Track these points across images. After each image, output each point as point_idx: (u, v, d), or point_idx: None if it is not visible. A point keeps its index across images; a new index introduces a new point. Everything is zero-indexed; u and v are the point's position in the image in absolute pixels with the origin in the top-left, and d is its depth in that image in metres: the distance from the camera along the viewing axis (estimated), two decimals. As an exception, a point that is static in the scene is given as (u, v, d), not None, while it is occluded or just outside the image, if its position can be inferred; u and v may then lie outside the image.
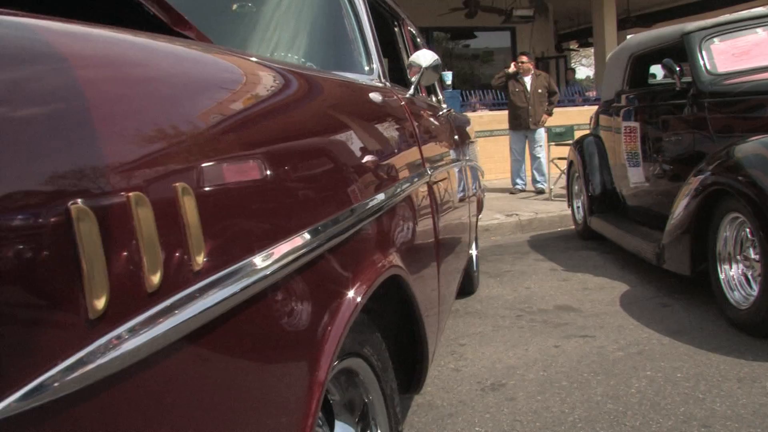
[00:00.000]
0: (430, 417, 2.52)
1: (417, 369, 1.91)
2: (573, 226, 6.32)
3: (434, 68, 2.52)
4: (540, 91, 8.18)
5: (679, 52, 4.18)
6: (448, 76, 7.47)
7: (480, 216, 6.14)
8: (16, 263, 0.46)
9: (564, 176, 6.98)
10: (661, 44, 4.49)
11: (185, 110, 0.73)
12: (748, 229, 3.14)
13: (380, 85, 2.11)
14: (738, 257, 3.26)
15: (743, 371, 2.71)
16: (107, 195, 0.54)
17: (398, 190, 1.54)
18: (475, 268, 4.44)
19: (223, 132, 0.79)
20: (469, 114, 8.43)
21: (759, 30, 4.05)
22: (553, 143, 8.23)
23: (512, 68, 8.22)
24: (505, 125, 8.79)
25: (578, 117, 9.71)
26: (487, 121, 9.97)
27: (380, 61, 2.26)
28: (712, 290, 3.43)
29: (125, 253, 0.56)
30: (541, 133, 8.27)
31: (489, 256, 5.51)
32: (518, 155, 8.51)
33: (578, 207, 6.06)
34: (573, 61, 24.40)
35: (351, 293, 1.06)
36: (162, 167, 0.63)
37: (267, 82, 1.06)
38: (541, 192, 8.28)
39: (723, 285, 3.29)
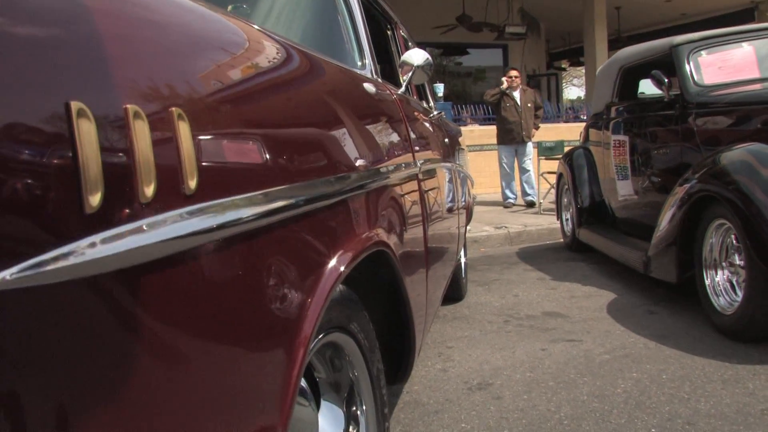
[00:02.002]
0: (416, 414, 2.53)
1: (404, 358, 1.92)
2: (562, 239, 6.35)
3: (426, 67, 2.55)
4: (529, 105, 8.34)
5: (668, 65, 4.24)
6: (440, 88, 7.53)
7: (469, 228, 6.19)
8: (19, 149, 0.48)
9: (553, 190, 7.03)
10: (651, 56, 4.56)
11: (195, 49, 0.76)
12: (733, 236, 3.18)
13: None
14: (723, 264, 3.29)
15: (728, 373, 2.73)
16: (106, 99, 0.56)
17: (387, 171, 1.56)
18: (463, 275, 4.46)
19: (227, 81, 0.82)
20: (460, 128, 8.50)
21: (744, 44, 4.13)
22: (542, 157, 8.29)
23: (505, 84, 8.31)
24: (495, 140, 8.85)
25: (568, 133, 9.79)
26: (477, 135, 10.03)
27: (372, 57, 2.29)
28: (698, 299, 3.46)
29: (121, 159, 0.57)
30: (530, 146, 8.39)
31: (477, 266, 5.53)
32: (509, 169, 8.57)
33: (567, 219, 6.10)
34: (564, 81, 24.58)
35: (336, 259, 1.07)
36: (162, 90, 0.65)
37: (272, 49, 1.09)
38: (532, 204, 8.34)
39: (709, 291, 3.31)
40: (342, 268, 1.08)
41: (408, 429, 2.39)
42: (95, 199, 0.53)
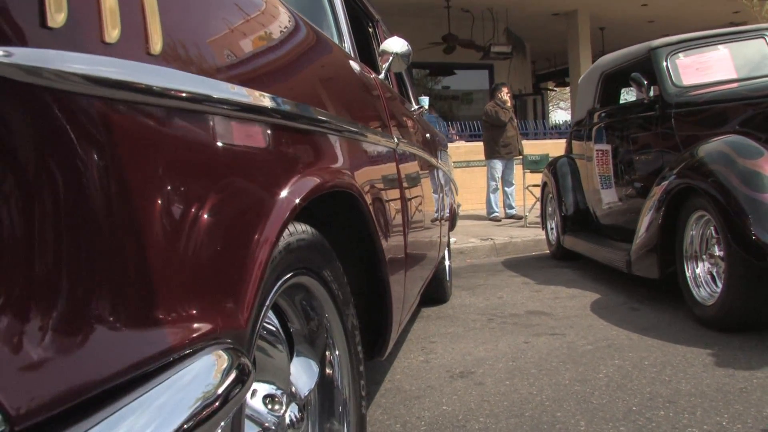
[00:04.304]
0: (397, 399, 2.51)
1: (381, 332, 1.91)
2: (548, 250, 6.37)
3: (404, 55, 2.59)
4: (515, 121, 8.50)
5: (648, 69, 4.31)
6: (425, 101, 7.60)
7: (454, 240, 6.20)
8: None
9: (539, 204, 7.08)
10: (631, 60, 4.63)
11: None
12: (713, 228, 3.21)
13: (352, 61, 2.17)
14: (704, 256, 3.32)
15: (708, 358, 2.74)
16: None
17: (363, 129, 1.57)
18: (448, 278, 4.46)
19: None
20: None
21: (720, 46, 4.21)
22: (528, 171, 8.36)
23: (508, 102, 8.42)
24: (482, 156, 8.92)
25: (553, 149, 9.88)
26: (464, 152, 10.11)
27: (351, 42, 2.32)
28: (681, 297, 3.47)
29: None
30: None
31: (463, 273, 5.53)
32: (498, 184, 8.65)
33: (552, 228, 6.12)
34: (551, 104, 24.81)
35: (296, 185, 1.05)
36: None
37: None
38: (519, 218, 8.40)
39: (690, 283, 3.33)
40: (297, 201, 1.06)
41: (388, 411, 2.38)
42: (59, 17, 0.53)
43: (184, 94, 0.70)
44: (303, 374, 1.37)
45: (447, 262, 4.51)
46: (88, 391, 0.57)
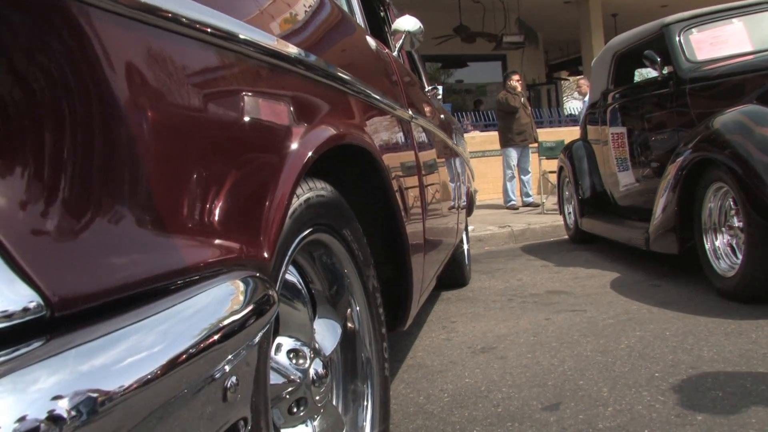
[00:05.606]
0: (420, 374, 2.53)
1: (403, 301, 1.93)
2: (566, 235, 6.35)
3: (417, 34, 2.61)
4: (528, 109, 8.48)
5: (661, 47, 4.28)
6: (440, 90, 7.62)
7: (472, 228, 6.20)
8: None
9: (556, 191, 7.06)
10: (643, 39, 4.61)
11: None
12: (731, 199, 3.19)
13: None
14: (723, 228, 3.30)
15: (730, 327, 2.73)
16: None
17: (379, 98, 1.60)
18: (467, 262, 4.47)
19: None
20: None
21: (734, 20, 4.17)
22: (543, 158, 8.34)
23: (519, 88, 8.42)
24: (497, 146, 8.90)
25: (569, 136, 9.82)
26: (479, 141, 10.09)
27: (364, 20, 2.35)
28: (701, 273, 3.45)
29: None
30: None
31: (482, 259, 5.54)
32: (514, 172, 8.64)
33: (569, 213, 6.11)
34: (565, 94, 24.68)
35: (313, 135, 1.08)
36: None
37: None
38: (536, 205, 8.38)
39: (709, 255, 3.32)
40: (314, 149, 1.08)
41: (412, 385, 2.40)
42: None
43: (209, 29, 0.72)
44: (326, 334, 1.39)
45: (465, 246, 4.52)
46: (121, 291, 0.59)
